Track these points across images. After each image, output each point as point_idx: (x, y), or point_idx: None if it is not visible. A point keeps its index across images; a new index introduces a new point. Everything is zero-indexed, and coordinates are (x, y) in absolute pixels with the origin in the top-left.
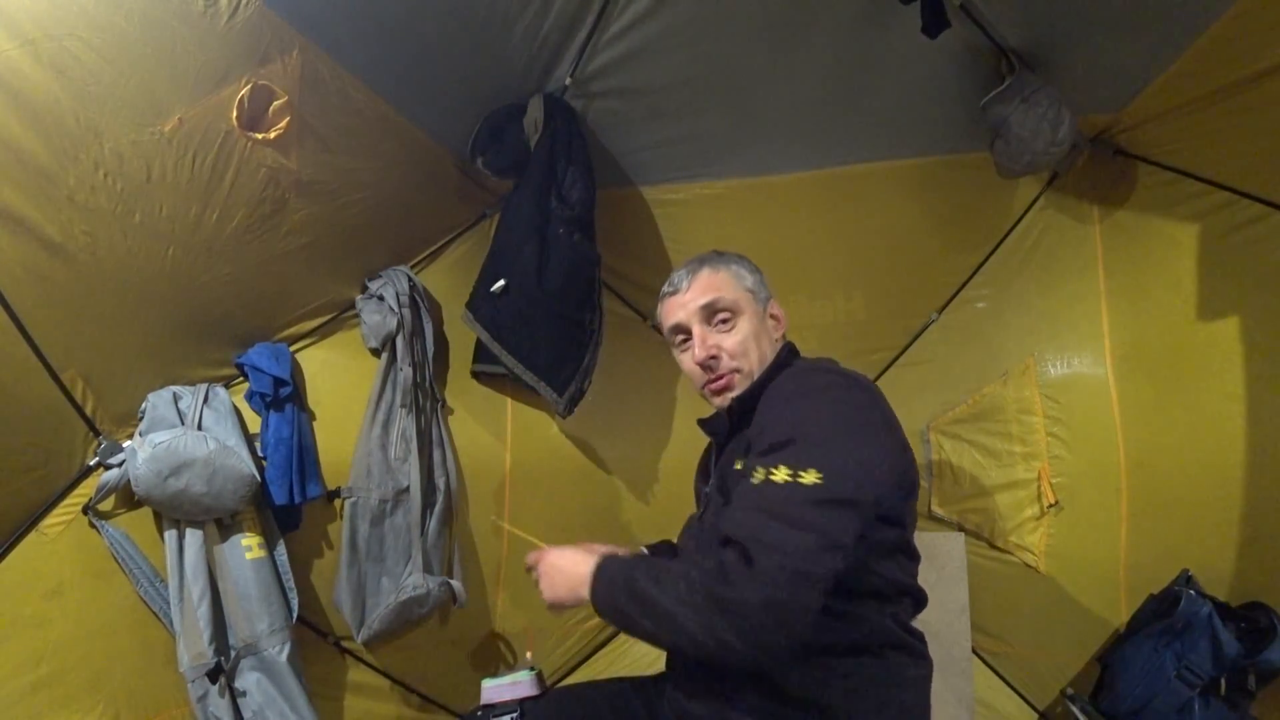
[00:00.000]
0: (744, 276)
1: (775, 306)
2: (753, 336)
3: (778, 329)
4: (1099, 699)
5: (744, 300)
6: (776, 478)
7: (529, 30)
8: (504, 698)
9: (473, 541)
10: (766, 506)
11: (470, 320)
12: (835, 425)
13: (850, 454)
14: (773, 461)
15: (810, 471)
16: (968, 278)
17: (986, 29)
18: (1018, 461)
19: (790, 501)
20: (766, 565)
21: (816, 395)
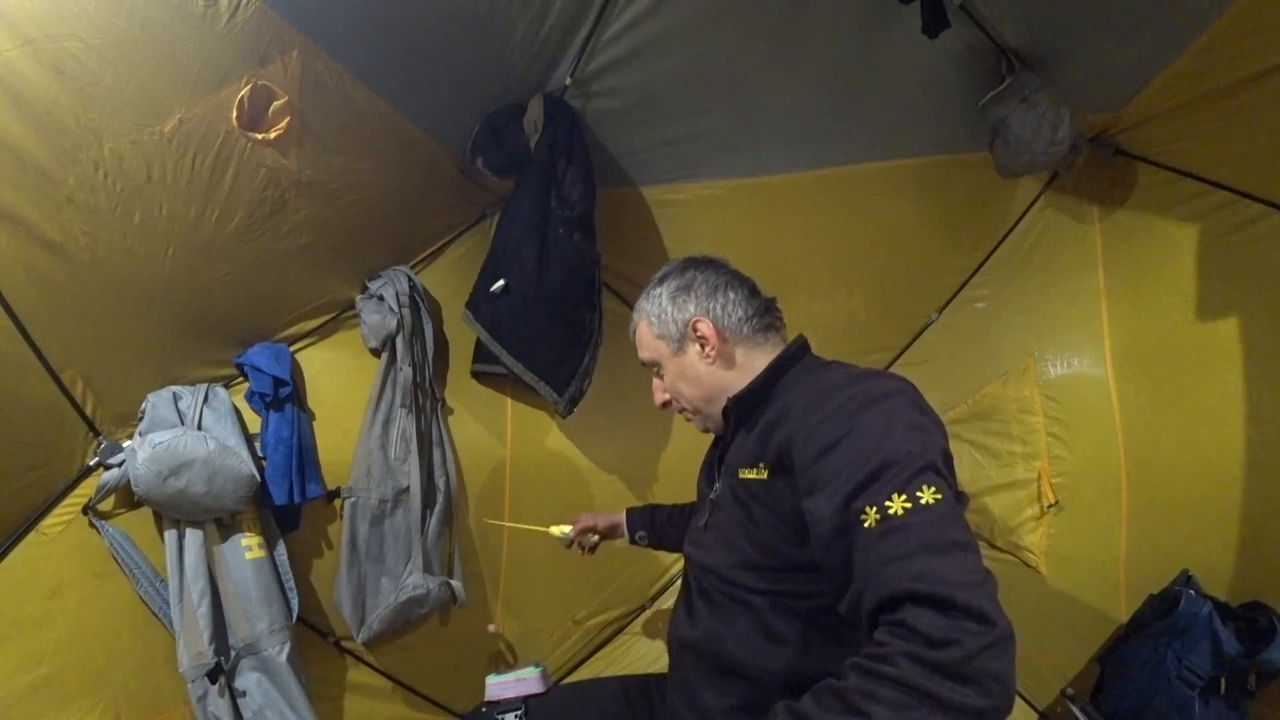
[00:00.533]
0: (653, 323)
1: (697, 326)
2: (679, 379)
3: (707, 349)
4: (1099, 699)
5: (657, 351)
6: (894, 508)
7: (529, 30)
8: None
9: (473, 541)
10: (916, 545)
11: (470, 320)
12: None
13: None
14: (882, 493)
15: (927, 490)
16: (968, 278)
17: (986, 29)
18: (1018, 461)
19: (934, 528)
20: (966, 605)
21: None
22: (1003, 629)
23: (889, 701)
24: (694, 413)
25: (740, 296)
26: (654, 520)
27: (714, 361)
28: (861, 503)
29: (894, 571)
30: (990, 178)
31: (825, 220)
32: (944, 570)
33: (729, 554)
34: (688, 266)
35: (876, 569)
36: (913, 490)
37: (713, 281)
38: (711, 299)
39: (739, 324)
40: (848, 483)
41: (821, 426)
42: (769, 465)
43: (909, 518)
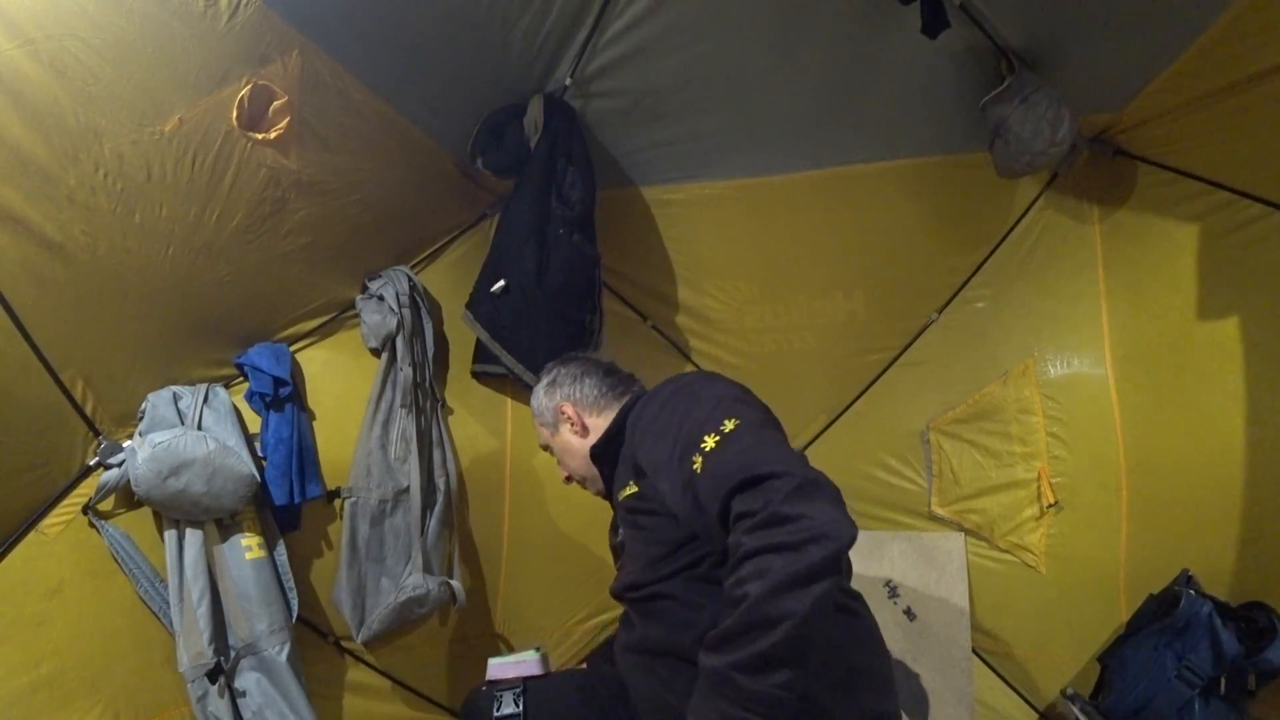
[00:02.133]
0: (536, 415)
1: (562, 410)
2: (562, 452)
3: (577, 426)
4: (1099, 699)
5: (543, 437)
6: (710, 444)
7: (529, 30)
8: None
9: (473, 541)
10: (726, 458)
11: (470, 320)
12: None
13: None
14: (696, 442)
15: (725, 423)
16: (968, 278)
17: (986, 29)
18: (1018, 461)
19: (740, 446)
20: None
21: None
22: (800, 476)
23: (752, 573)
24: (582, 480)
25: (595, 379)
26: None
27: (582, 434)
28: (689, 457)
29: (720, 483)
30: (990, 178)
31: (825, 220)
32: (745, 458)
33: (641, 566)
34: (552, 366)
35: (712, 494)
36: (716, 427)
37: (572, 372)
38: (573, 385)
39: (596, 400)
40: (674, 451)
41: (646, 428)
42: (634, 478)
43: (720, 447)
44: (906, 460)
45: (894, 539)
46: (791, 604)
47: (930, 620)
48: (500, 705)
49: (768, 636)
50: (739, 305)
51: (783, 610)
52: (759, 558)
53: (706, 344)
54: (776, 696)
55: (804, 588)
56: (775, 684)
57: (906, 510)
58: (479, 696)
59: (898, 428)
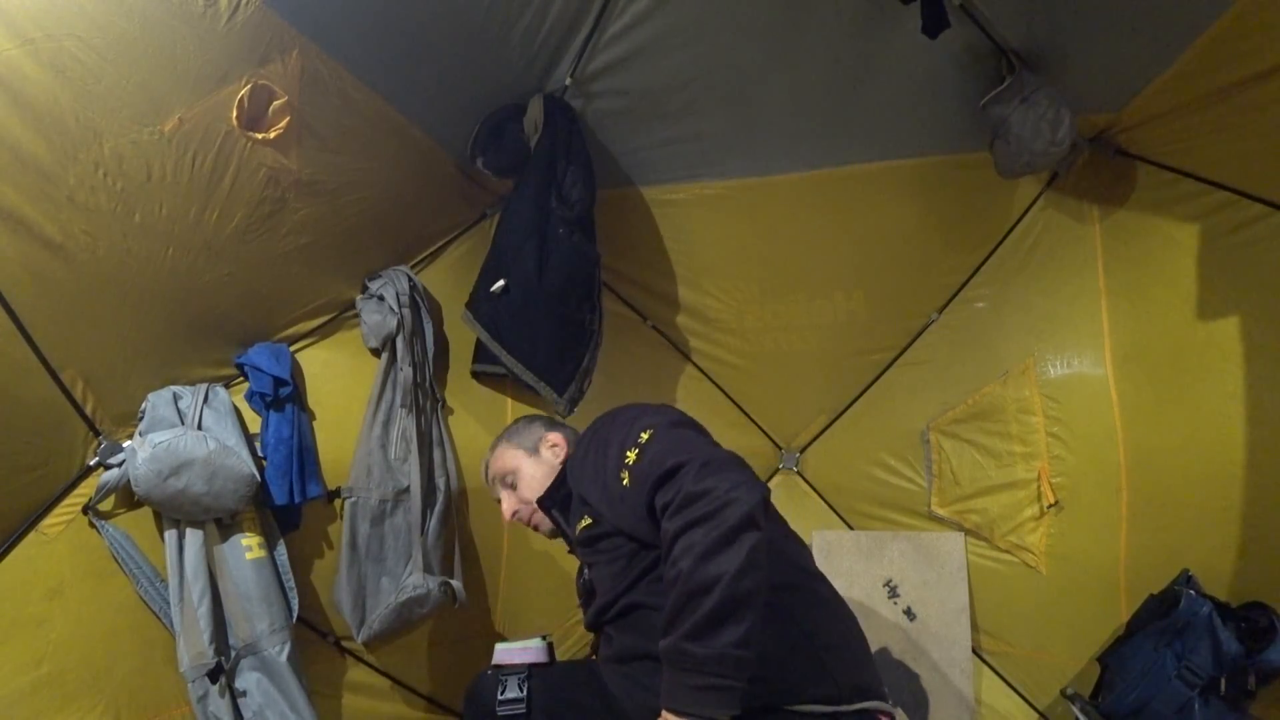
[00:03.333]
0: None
1: (549, 438)
2: (531, 477)
3: (556, 451)
4: (1099, 699)
5: (516, 458)
6: (631, 458)
7: (529, 30)
8: (514, 660)
9: (473, 541)
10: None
11: (470, 320)
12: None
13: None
14: (620, 464)
15: (642, 436)
16: (968, 278)
17: (986, 29)
18: (1018, 461)
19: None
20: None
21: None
22: (699, 458)
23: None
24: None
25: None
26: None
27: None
28: (616, 473)
29: (641, 488)
30: (990, 178)
31: (826, 220)
32: (657, 458)
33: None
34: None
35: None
36: (635, 440)
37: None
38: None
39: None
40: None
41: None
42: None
43: (639, 458)
44: (906, 460)
45: (894, 539)
46: (721, 564)
47: (930, 620)
48: (505, 689)
49: (706, 600)
50: (739, 305)
51: (713, 573)
52: (683, 536)
53: (706, 344)
54: (732, 656)
55: (728, 547)
56: (727, 643)
57: (906, 510)
58: (483, 680)
59: (898, 428)
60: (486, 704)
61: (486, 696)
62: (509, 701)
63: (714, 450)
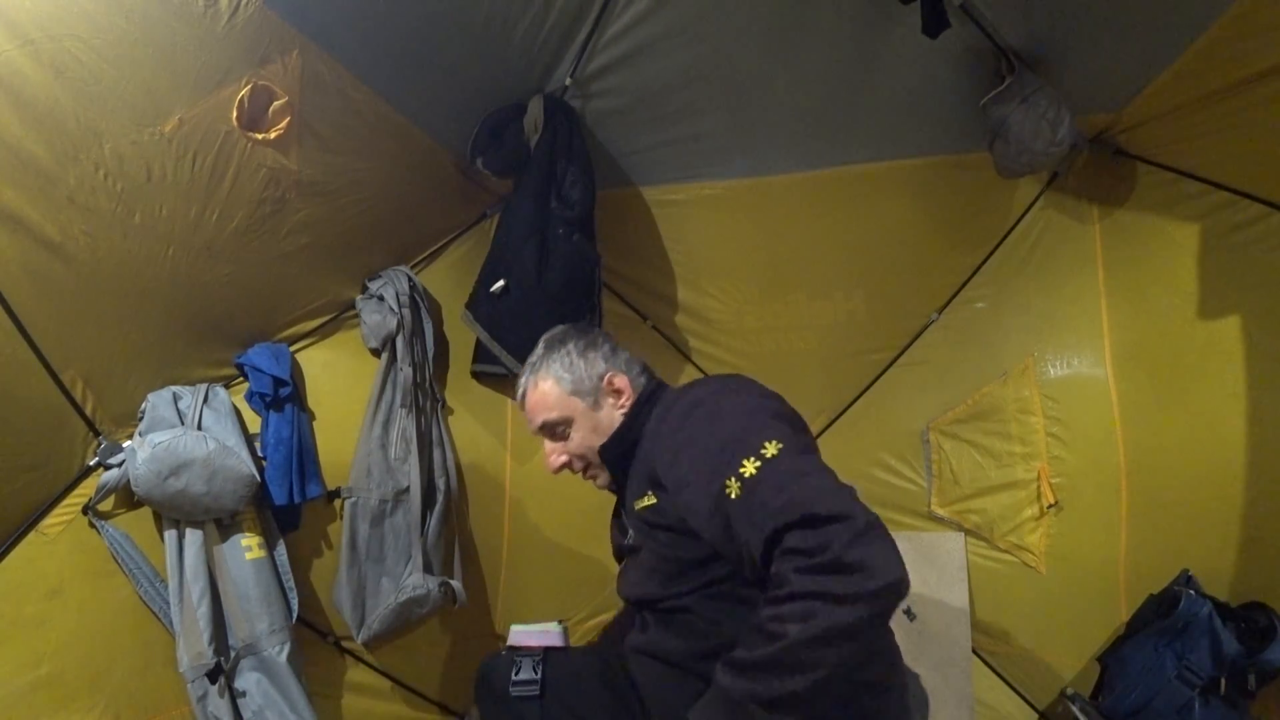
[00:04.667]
0: (563, 379)
1: (613, 380)
2: (590, 432)
3: (619, 400)
4: (1099, 699)
5: (568, 406)
6: (748, 471)
7: (529, 30)
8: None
9: (473, 541)
10: (772, 487)
11: (470, 320)
12: (735, 407)
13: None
14: (732, 467)
15: (768, 445)
16: (968, 278)
17: (986, 29)
18: (1017, 461)
19: (783, 474)
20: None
21: (698, 403)
22: (862, 520)
23: (796, 615)
24: (599, 466)
25: (628, 356)
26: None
27: (624, 408)
28: (720, 480)
29: (763, 517)
30: (990, 178)
31: (825, 220)
32: (800, 495)
33: (652, 580)
34: (584, 329)
35: (751, 522)
36: (757, 450)
37: (611, 343)
38: (614, 356)
39: (638, 377)
40: (703, 470)
41: (670, 438)
42: (652, 489)
43: (761, 472)
44: (906, 460)
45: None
46: (827, 655)
47: (930, 620)
48: (519, 670)
49: (795, 680)
50: (739, 305)
51: (817, 659)
52: (807, 601)
53: (706, 344)
54: None
55: (843, 643)
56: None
57: (906, 510)
58: (498, 660)
59: (898, 428)
60: (500, 684)
61: (500, 676)
62: (523, 683)
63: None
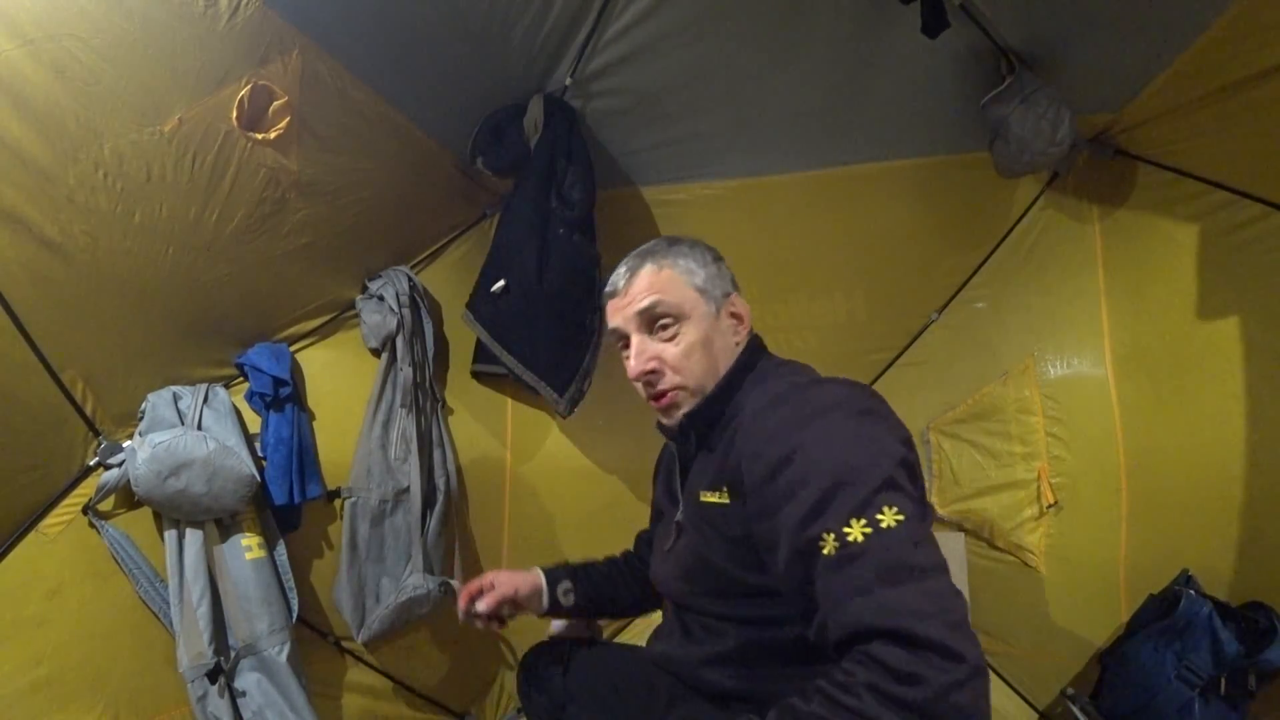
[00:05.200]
0: (694, 272)
1: (736, 302)
2: (700, 345)
3: (738, 330)
4: (1099, 699)
5: (691, 302)
6: (853, 535)
7: (529, 30)
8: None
9: (473, 541)
10: (875, 574)
11: (470, 320)
12: (867, 447)
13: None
14: (837, 518)
15: (887, 511)
16: (968, 278)
17: (986, 29)
18: (1017, 461)
19: (894, 554)
20: (931, 639)
21: (825, 415)
22: (971, 664)
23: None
24: (692, 393)
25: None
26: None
27: (738, 345)
28: (818, 528)
29: (858, 605)
30: (990, 178)
31: (825, 220)
32: (908, 602)
33: (692, 584)
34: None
35: (840, 600)
36: (871, 513)
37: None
38: (734, 283)
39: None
40: (801, 507)
41: (768, 445)
42: (728, 488)
43: (869, 543)
44: None
45: None
46: None
47: None
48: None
49: None
50: None
51: None
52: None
53: None
54: None
55: None
56: None
57: None
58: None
59: None
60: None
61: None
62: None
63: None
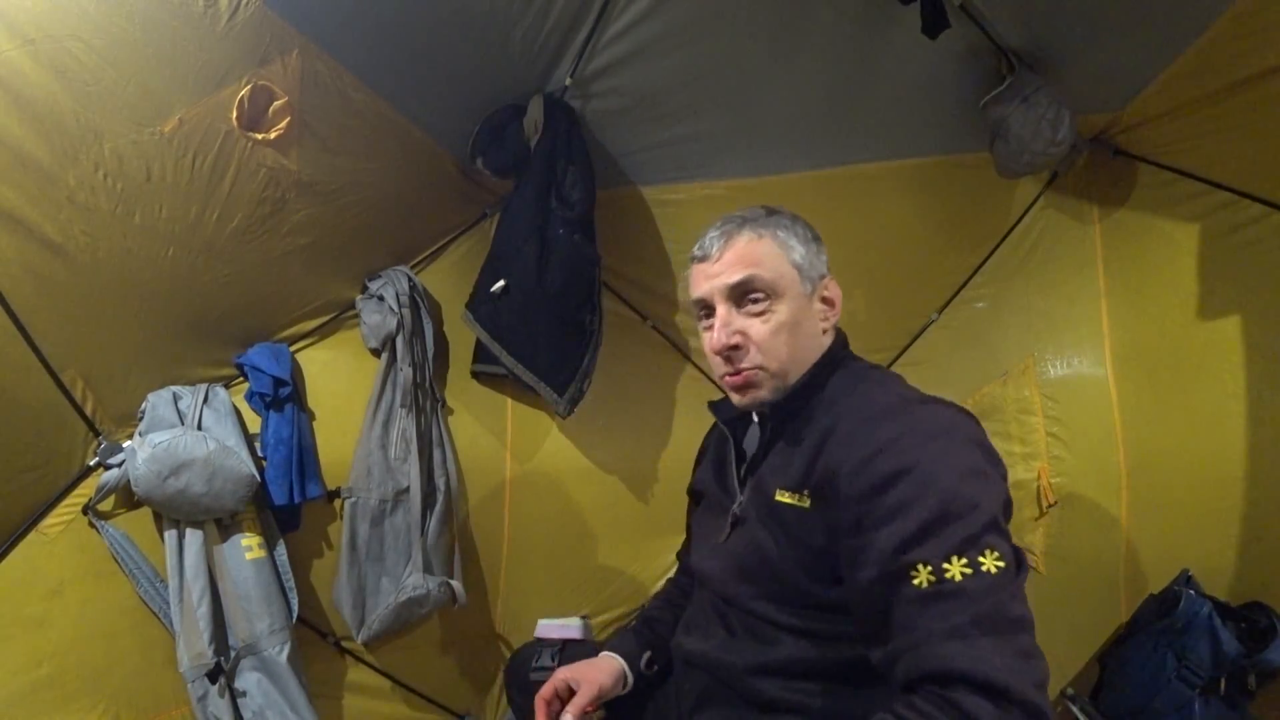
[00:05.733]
0: (793, 248)
1: (830, 286)
2: (789, 327)
3: (828, 315)
4: (1099, 699)
5: (787, 280)
6: (951, 572)
7: (529, 30)
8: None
9: (473, 541)
10: (973, 615)
11: (470, 320)
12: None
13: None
14: (939, 550)
15: (988, 555)
16: (968, 278)
17: (986, 29)
18: (1017, 461)
19: (991, 602)
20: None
21: (942, 439)
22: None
23: None
24: (773, 376)
25: None
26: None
27: (826, 332)
28: (915, 557)
29: (948, 648)
30: (990, 178)
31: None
32: (1001, 656)
33: (748, 584)
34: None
35: (925, 637)
36: (974, 554)
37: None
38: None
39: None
40: (901, 530)
41: (876, 459)
42: (811, 492)
43: (966, 584)
44: None
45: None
46: None
47: None
48: (539, 658)
49: None
50: None
51: None
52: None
53: None
54: None
55: None
56: None
57: None
58: (524, 649)
59: None
60: (523, 670)
61: (524, 663)
62: (541, 669)
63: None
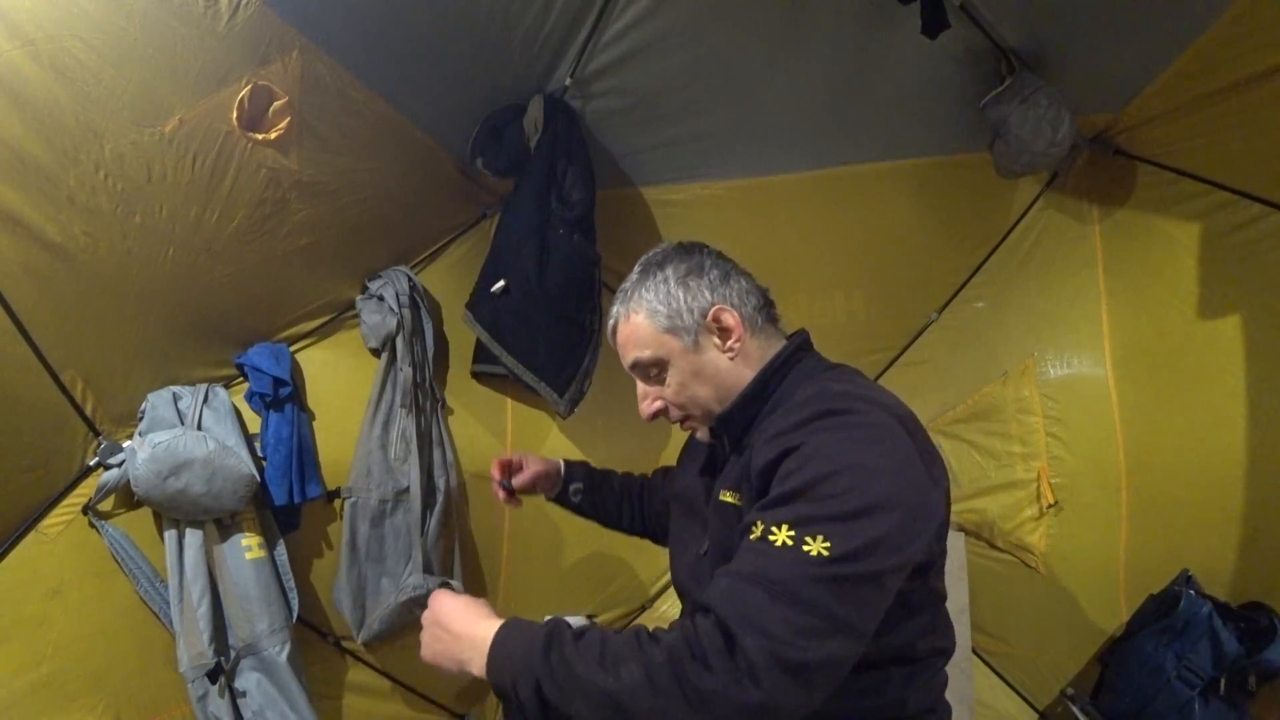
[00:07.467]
0: (657, 313)
1: (720, 314)
2: (691, 378)
3: (731, 343)
4: (1099, 699)
5: (666, 347)
6: (776, 539)
7: (529, 30)
8: None
9: (473, 541)
10: (760, 575)
11: (470, 320)
12: (858, 477)
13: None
14: (776, 517)
15: (818, 538)
16: (968, 278)
17: (986, 29)
18: (1017, 462)
19: (789, 573)
20: (752, 652)
21: (837, 432)
22: (761, 700)
23: (632, 676)
24: (703, 416)
25: (750, 284)
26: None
27: (735, 356)
28: (759, 517)
29: (723, 583)
30: (990, 178)
31: (825, 220)
32: (763, 614)
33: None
34: (689, 250)
35: (721, 574)
36: (804, 532)
37: (723, 267)
38: (725, 285)
39: (754, 314)
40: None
41: (776, 441)
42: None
43: (781, 551)
44: None
45: None
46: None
47: None
48: None
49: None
50: None
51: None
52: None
53: None
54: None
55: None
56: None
57: None
58: None
59: None
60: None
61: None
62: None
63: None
